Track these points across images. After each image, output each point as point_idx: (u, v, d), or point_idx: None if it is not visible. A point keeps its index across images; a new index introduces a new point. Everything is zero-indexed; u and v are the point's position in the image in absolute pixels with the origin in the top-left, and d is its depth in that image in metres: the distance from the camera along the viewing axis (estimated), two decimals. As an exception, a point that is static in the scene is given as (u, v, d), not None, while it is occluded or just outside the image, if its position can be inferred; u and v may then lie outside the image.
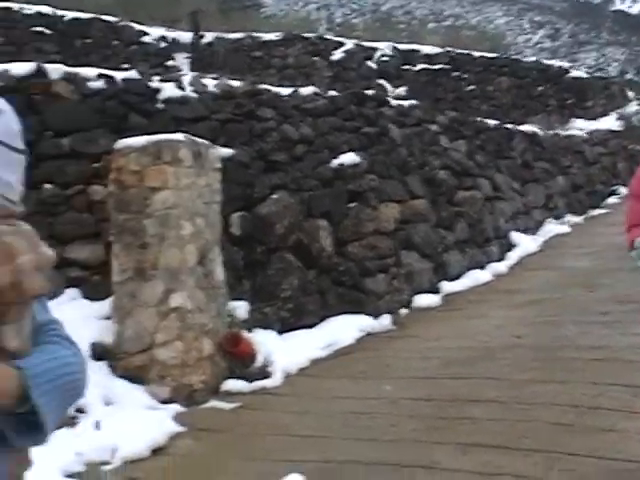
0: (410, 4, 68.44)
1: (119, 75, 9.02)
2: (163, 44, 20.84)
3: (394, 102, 11.85)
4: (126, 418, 6.72)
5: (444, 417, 6.52)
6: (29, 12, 19.75)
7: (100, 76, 8.84)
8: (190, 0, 26.14)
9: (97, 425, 6.50)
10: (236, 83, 9.90)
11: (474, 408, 6.62)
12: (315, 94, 10.58)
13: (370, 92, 11.79)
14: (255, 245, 9.06)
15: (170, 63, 20.04)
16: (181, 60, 20.59)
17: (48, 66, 8.50)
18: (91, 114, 8.50)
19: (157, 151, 7.40)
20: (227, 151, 8.88)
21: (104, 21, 20.37)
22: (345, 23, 52.94)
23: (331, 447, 6.21)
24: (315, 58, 21.99)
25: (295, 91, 10.42)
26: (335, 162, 10.17)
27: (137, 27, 20.95)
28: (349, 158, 10.27)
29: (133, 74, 9.14)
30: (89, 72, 8.84)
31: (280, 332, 8.93)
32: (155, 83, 9.13)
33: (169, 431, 6.67)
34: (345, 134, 10.56)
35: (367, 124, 10.94)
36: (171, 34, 21.58)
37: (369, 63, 22.68)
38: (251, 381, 7.80)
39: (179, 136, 7.63)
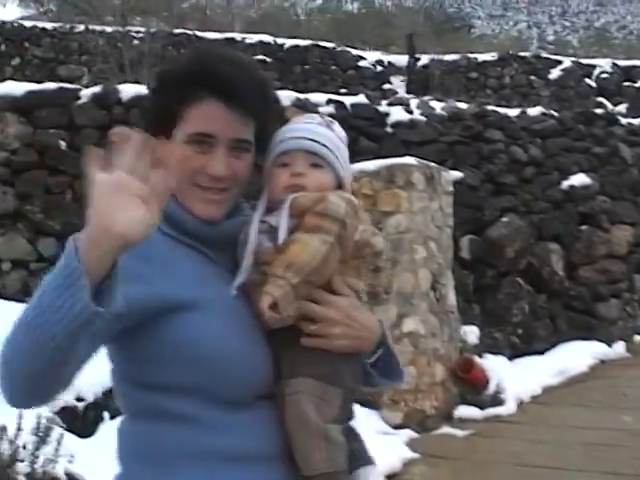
0: (625, 18, 66.10)
1: (348, 100, 9.14)
2: (379, 68, 21.02)
3: (624, 121, 11.41)
4: (361, 442, 6.71)
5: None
6: (251, 42, 20.49)
7: (330, 101, 8.98)
8: (403, 23, 26.36)
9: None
10: (463, 105, 9.82)
11: None
12: (543, 114, 10.34)
13: (599, 111, 11.40)
14: (485, 269, 8.93)
15: (386, 86, 20.16)
16: (397, 83, 20.69)
17: (279, 92, 8.70)
18: (320, 139, 8.62)
19: (390, 175, 7.41)
20: (456, 174, 8.80)
21: (322, 47, 20.80)
22: (557, 41, 51.81)
23: (569, 479, 5.99)
24: (532, 77, 21.55)
25: (523, 112, 10.23)
26: (565, 184, 9.90)
27: (354, 52, 21.24)
28: (579, 179, 9.97)
29: (362, 99, 9.25)
30: (319, 98, 9.00)
31: (510, 358, 8.74)
32: (383, 107, 9.18)
33: (403, 457, 6.60)
34: (575, 155, 10.25)
35: (597, 144, 10.58)
36: (387, 58, 21.74)
37: (587, 81, 22.01)
38: (483, 408, 7.65)
39: (411, 160, 7.62)
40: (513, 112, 10.21)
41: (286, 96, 8.73)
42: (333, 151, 1.94)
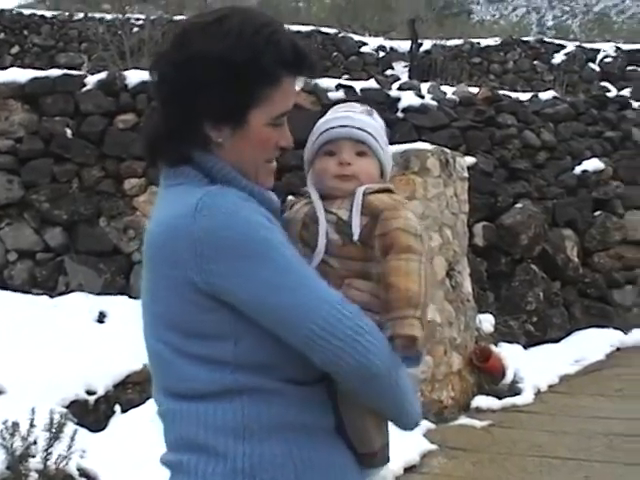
0: (624, 3, 65.86)
1: (358, 85, 8.98)
2: (382, 54, 20.85)
3: (636, 104, 11.25)
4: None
5: None
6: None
7: (340, 86, 8.82)
8: (404, 9, 26.15)
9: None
10: (475, 90, 9.66)
11: None
12: (555, 98, 10.18)
13: (611, 95, 11.25)
14: (499, 256, 8.80)
15: (389, 72, 20.00)
16: (400, 69, 20.53)
17: (288, 78, 8.56)
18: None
19: (405, 161, 7.25)
20: (470, 159, 8.65)
21: (323, 33, 20.65)
22: (557, 26, 51.58)
23: (595, 471, 5.86)
24: (535, 62, 21.40)
25: (535, 96, 10.08)
26: (578, 169, 9.76)
27: (356, 38, 21.08)
28: (593, 164, 9.84)
29: (372, 84, 9.09)
30: (329, 83, 8.85)
31: (525, 346, 8.61)
32: (394, 92, 9.02)
33: (421, 449, 6.45)
34: (587, 139, 10.11)
35: (609, 128, 10.43)
36: (389, 43, 21.57)
37: (591, 65, 21.86)
38: (501, 398, 7.52)
39: (426, 145, 7.46)
40: (525, 96, 10.06)
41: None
42: (377, 139, 1.97)
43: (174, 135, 1.80)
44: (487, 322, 8.27)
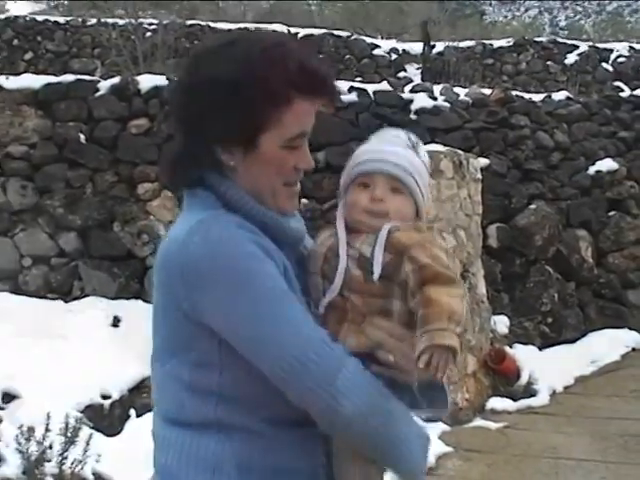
0: (637, 2, 65.56)
1: (371, 87, 8.98)
2: (394, 56, 20.82)
3: (649, 104, 11.20)
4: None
5: None
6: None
7: (352, 89, 8.82)
8: (416, 11, 26.14)
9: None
10: (488, 91, 9.64)
11: None
12: (568, 99, 10.15)
13: (625, 94, 11.19)
14: (513, 257, 8.78)
15: (402, 74, 19.96)
16: (412, 71, 20.49)
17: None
18: (345, 127, 8.50)
19: (418, 163, 7.23)
20: (483, 161, 8.64)
21: (336, 36, 20.63)
22: (570, 26, 51.45)
23: (610, 472, 5.85)
24: (548, 63, 21.33)
25: (548, 97, 10.04)
26: (592, 169, 9.71)
27: (368, 40, 21.06)
28: (606, 164, 9.79)
29: (385, 86, 9.09)
30: (341, 85, 8.83)
31: (540, 347, 8.59)
32: (407, 94, 9.02)
33: (437, 451, 6.43)
34: (601, 139, 10.06)
35: (623, 128, 10.37)
36: (402, 46, 21.54)
37: (605, 65, 21.78)
38: (516, 399, 7.50)
39: (439, 147, 7.46)
40: (538, 97, 10.03)
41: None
42: (415, 178, 1.90)
43: (189, 159, 1.80)
44: (502, 323, 8.25)
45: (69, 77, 9.09)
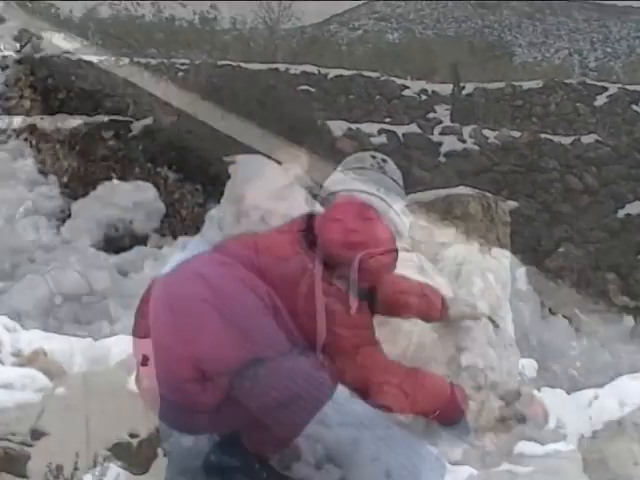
0: (668, 44, 65.55)
1: (400, 130, 9.06)
2: (424, 97, 20.92)
3: (679, 147, 11.23)
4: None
5: None
6: (295, 72, 20.52)
7: (382, 131, 8.91)
8: (446, 52, 26.29)
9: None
10: (517, 133, 9.70)
11: None
12: (597, 142, 10.18)
13: (654, 138, 11.23)
14: (542, 300, 8.77)
15: (431, 115, 20.05)
16: (442, 112, 20.56)
17: (330, 123, 8.67)
18: (373, 170, 8.55)
19: (447, 206, 7.24)
20: (512, 203, 8.66)
21: (366, 77, 20.79)
22: (600, 67, 51.47)
23: (640, 519, 5.75)
24: (578, 104, 21.34)
25: (577, 140, 10.08)
26: (621, 212, 9.71)
27: (398, 81, 21.19)
28: (636, 208, 9.78)
29: (414, 128, 9.15)
30: (371, 128, 8.93)
31: (569, 392, 8.52)
32: (436, 137, 9.08)
33: (465, 494, 6.40)
34: (630, 182, 10.07)
35: (652, 171, 10.41)
36: (431, 87, 21.65)
37: (634, 107, 21.77)
38: (544, 444, 7.42)
39: (468, 190, 7.46)
40: (567, 140, 10.07)
41: (337, 126, 8.68)
42: (386, 201, 1.94)
43: None
44: (530, 367, 8.20)
45: (102, 117, 9.24)
